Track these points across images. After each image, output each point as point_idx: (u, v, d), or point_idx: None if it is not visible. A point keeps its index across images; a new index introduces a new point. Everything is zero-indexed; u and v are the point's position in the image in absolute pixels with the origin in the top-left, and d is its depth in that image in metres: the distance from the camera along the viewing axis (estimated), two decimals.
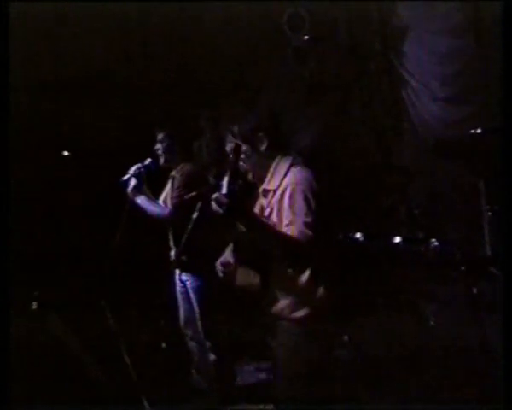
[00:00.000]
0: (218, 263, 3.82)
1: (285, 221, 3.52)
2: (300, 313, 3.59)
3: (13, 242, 3.62)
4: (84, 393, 4.15)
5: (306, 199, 3.50)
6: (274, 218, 3.62)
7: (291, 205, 3.51)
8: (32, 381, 4.15)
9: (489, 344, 4.36)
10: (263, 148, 3.68)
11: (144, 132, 5.53)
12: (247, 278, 3.66)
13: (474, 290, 5.01)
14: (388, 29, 7.23)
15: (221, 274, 3.78)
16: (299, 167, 3.66)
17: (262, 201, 3.78)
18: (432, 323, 5.23)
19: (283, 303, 3.62)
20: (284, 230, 3.51)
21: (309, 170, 3.67)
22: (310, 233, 3.44)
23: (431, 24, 6.85)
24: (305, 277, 3.55)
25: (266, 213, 3.69)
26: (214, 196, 3.34)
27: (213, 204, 3.34)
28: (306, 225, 3.45)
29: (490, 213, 5.46)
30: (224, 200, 3.30)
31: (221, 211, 3.31)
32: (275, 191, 3.65)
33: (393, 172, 6.49)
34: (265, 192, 3.73)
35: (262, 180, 3.74)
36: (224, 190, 3.31)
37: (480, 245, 5.52)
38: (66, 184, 6.47)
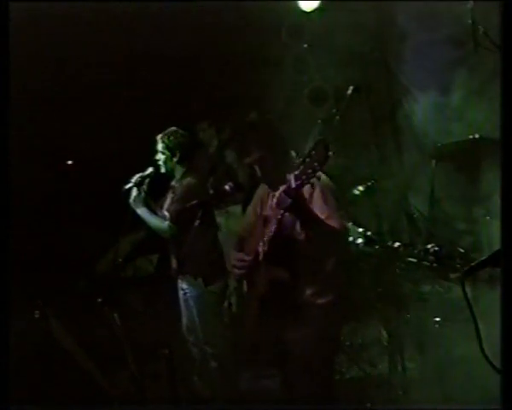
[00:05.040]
0: (233, 261, 4.17)
1: (323, 215, 3.78)
2: (325, 298, 3.91)
3: (15, 247, 3.65)
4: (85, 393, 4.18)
5: (336, 198, 3.88)
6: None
7: (325, 201, 3.81)
8: (32, 381, 4.18)
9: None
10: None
11: (147, 141, 5.57)
12: (277, 271, 3.88)
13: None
14: (388, 37, 7.27)
15: (238, 271, 4.11)
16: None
17: None
18: (436, 326, 5.25)
19: (310, 291, 3.92)
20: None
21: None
22: (346, 225, 4.01)
23: (431, 33, 6.88)
24: (330, 264, 3.90)
25: None
26: (283, 189, 3.63)
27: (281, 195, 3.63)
28: (343, 218, 3.89)
29: (488, 218, 5.48)
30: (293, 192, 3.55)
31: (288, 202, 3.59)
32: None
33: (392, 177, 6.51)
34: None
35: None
36: (293, 184, 3.52)
37: (479, 249, 5.52)
38: (68, 192, 6.50)
